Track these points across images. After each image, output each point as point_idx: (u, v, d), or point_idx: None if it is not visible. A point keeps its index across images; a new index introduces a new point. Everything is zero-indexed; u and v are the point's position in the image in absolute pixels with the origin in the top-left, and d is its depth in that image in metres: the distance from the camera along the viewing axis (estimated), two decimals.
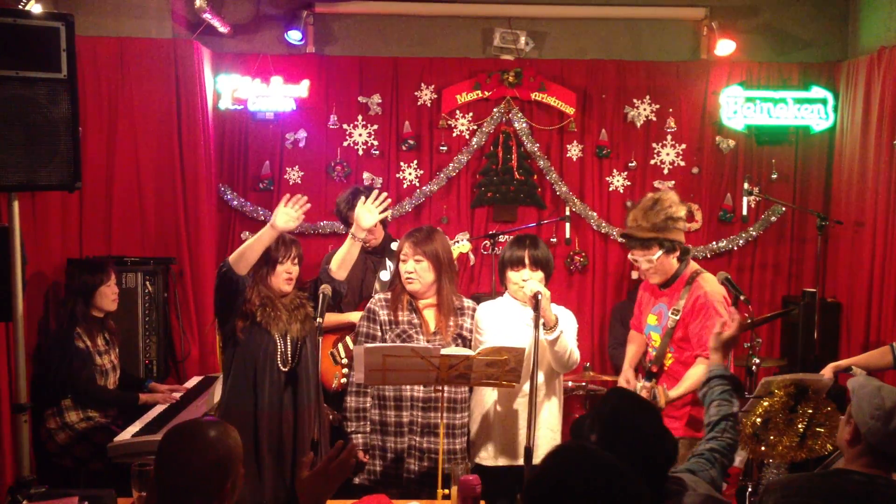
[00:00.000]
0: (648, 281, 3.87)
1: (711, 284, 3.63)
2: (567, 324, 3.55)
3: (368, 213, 3.56)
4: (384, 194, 3.64)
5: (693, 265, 3.77)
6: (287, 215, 3.39)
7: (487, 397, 3.62)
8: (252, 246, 3.38)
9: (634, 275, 5.80)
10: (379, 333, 3.54)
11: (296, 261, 3.55)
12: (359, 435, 3.53)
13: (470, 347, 3.52)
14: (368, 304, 3.63)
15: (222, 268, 3.41)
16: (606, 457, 1.79)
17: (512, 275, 3.55)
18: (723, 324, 2.80)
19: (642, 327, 3.95)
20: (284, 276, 3.51)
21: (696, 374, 3.52)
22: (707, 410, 2.64)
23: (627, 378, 3.95)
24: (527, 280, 3.47)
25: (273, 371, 3.48)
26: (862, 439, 2.38)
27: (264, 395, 3.46)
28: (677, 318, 3.63)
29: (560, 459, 1.78)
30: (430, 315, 3.58)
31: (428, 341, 3.47)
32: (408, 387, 3.50)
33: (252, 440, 3.43)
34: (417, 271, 3.52)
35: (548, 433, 3.54)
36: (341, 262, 3.59)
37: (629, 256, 3.86)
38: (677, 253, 3.67)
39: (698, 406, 3.57)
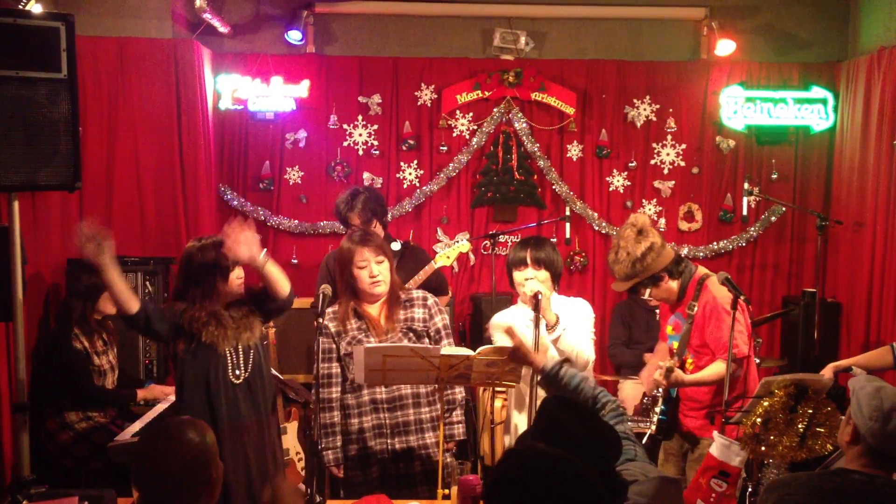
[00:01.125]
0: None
1: (720, 288, 3.59)
2: (579, 318, 3.53)
3: (242, 244, 3.21)
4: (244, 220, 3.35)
5: (701, 270, 3.72)
6: (88, 244, 3.10)
7: (509, 401, 3.63)
8: (112, 289, 3.19)
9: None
10: (334, 346, 3.50)
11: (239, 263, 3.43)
12: (329, 451, 3.46)
13: (421, 340, 3.48)
14: (319, 322, 3.43)
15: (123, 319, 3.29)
16: (558, 451, 1.82)
17: (517, 275, 3.56)
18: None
19: (665, 337, 3.97)
20: (238, 281, 3.42)
21: (713, 368, 3.56)
22: (582, 393, 2.72)
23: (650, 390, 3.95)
24: (529, 279, 3.47)
25: (227, 386, 3.37)
26: (861, 440, 2.39)
27: (221, 410, 3.35)
28: (692, 313, 3.65)
29: (514, 460, 1.81)
30: (378, 313, 3.52)
31: (381, 341, 3.41)
32: (366, 391, 3.45)
33: None
34: (382, 273, 3.47)
35: None
36: (275, 283, 3.33)
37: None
38: (666, 279, 3.63)
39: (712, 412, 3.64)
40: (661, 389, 3.73)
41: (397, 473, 3.47)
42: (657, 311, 5.06)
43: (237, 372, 3.39)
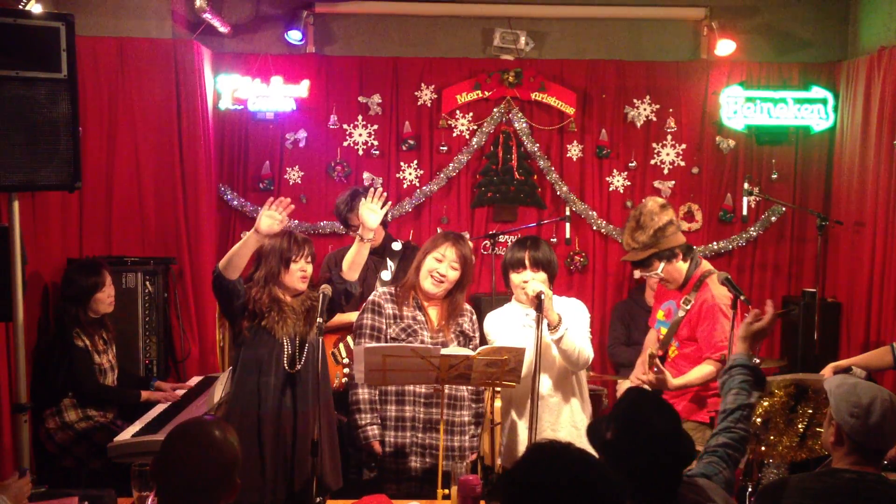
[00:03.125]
0: (666, 288, 3.91)
1: (719, 287, 3.63)
2: (576, 317, 3.54)
3: (372, 212, 3.51)
4: (382, 192, 3.59)
5: (705, 265, 3.79)
6: (271, 218, 3.32)
7: (505, 401, 3.65)
8: (239, 252, 3.34)
9: (637, 274, 5.81)
10: (384, 326, 3.54)
11: (309, 259, 3.52)
12: (374, 426, 3.51)
13: (469, 346, 3.53)
14: (372, 298, 3.61)
15: (214, 272, 3.39)
16: (581, 451, 1.80)
17: (514, 277, 3.56)
18: (755, 314, 2.73)
19: (653, 322, 3.98)
20: (299, 274, 3.48)
21: (701, 371, 3.58)
22: (724, 398, 2.62)
23: (638, 375, 3.98)
24: (528, 281, 3.47)
25: (278, 373, 3.45)
26: (846, 439, 2.38)
27: (268, 397, 3.44)
28: (688, 307, 3.68)
29: (536, 456, 1.79)
30: (433, 313, 3.59)
31: (432, 338, 3.50)
32: None
33: (256, 441, 3.41)
34: (448, 276, 3.53)
35: (572, 430, 3.53)
36: (351, 263, 3.54)
37: (636, 275, 3.93)
38: (680, 256, 3.71)
39: (692, 392, 3.68)
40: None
41: (422, 466, 3.50)
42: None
43: (293, 363, 3.46)
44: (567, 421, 3.55)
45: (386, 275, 4.48)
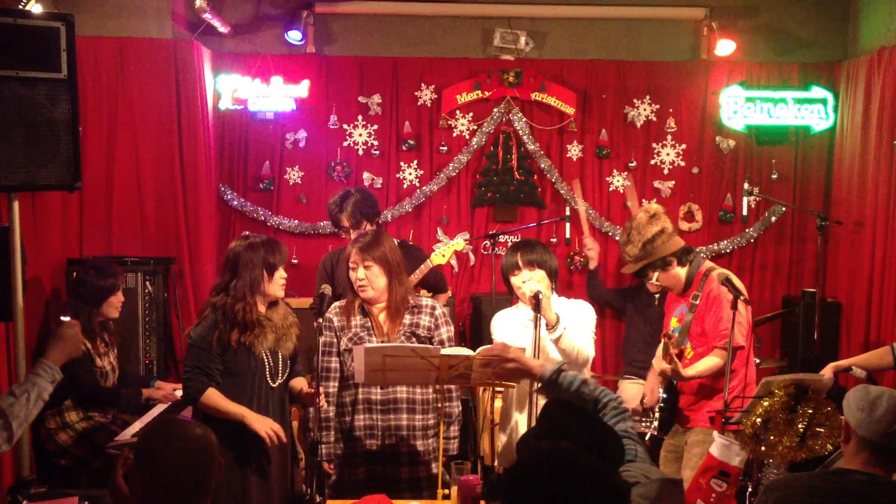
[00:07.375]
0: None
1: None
2: (581, 317, 3.55)
3: None
4: None
5: (707, 264, 3.84)
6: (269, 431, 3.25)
7: (507, 401, 3.64)
8: (225, 414, 3.25)
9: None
10: (335, 340, 3.50)
11: (284, 265, 3.46)
12: (322, 445, 3.45)
13: (433, 343, 3.47)
14: (319, 322, 3.42)
15: (197, 400, 3.30)
16: (581, 452, 1.82)
17: (513, 280, 3.57)
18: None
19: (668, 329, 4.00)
20: (280, 282, 3.41)
21: (709, 362, 3.64)
22: (582, 398, 2.60)
23: (656, 364, 3.98)
24: (526, 282, 3.48)
25: (263, 388, 3.37)
26: (853, 434, 2.39)
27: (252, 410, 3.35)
28: (695, 303, 3.73)
29: (539, 458, 1.79)
30: (382, 316, 3.52)
31: (382, 342, 3.40)
32: (362, 389, 3.44)
33: (238, 457, 3.32)
34: (368, 278, 3.45)
35: None
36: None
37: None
38: (674, 263, 3.76)
39: (713, 399, 3.69)
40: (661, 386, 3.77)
41: (384, 476, 3.44)
42: (656, 296, 5.10)
43: (274, 376, 3.39)
44: None
45: None
